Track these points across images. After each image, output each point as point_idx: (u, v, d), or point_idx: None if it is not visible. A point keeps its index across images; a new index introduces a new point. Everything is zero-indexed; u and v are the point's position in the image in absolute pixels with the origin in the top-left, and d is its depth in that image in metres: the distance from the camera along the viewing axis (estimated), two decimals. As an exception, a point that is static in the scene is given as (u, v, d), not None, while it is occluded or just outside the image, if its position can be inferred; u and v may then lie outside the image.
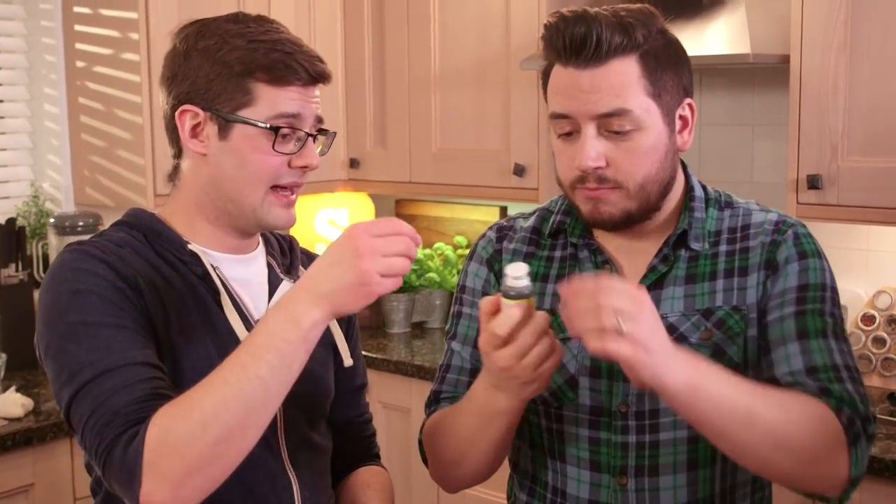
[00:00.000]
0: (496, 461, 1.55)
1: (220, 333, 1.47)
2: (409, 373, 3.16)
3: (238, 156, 1.46)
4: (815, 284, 1.49)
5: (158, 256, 1.49)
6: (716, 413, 1.31)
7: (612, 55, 1.42)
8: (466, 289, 1.66)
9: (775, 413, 1.33)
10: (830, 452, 1.37)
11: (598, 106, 1.42)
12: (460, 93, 3.31)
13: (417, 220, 3.89)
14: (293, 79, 1.46)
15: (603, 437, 1.52)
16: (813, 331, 1.46)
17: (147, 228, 1.51)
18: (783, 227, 1.53)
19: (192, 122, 1.47)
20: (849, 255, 2.89)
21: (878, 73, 2.44)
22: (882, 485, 2.28)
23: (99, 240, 1.48)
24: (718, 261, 1.53)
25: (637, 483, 1.51)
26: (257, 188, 1.47)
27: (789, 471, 1.38)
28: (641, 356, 1.24)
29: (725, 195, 1.61)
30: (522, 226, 1.66)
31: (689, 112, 1.51)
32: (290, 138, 1.47)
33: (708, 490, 1.52)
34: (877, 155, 2.45)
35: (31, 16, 3.49)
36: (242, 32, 1.47)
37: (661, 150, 1.46)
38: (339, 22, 3.60)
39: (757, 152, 3.06)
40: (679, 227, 1.53)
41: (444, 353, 1.67)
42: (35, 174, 3.54)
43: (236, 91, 1.45)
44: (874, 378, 2.79)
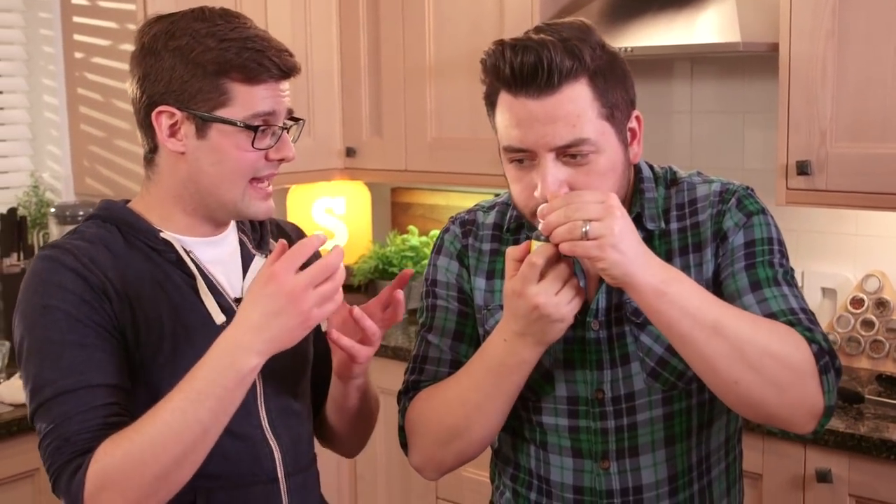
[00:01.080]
0: (498, 427, 1.55)
1: (196, 320, 1.52)
2: (406, 358, 3.15)
3: (217, 153, 1.50)
4: (761, 238, 1.52)
5: (131, 248, 1.53)
6: (684, 318, 1.35)
7: (563, 81, 1.40)
8: (438, 283, 1.66)
9: (745, 328, 1.36)
10: (803, 377, 1.38)
11: (556, 139, 1.41)
12: (455, 82, 3.34)
13: (413, 208, 3.93)
14: (266, 76, 1.50)
15: (582, 425, 1.55)
16: (765, 279, 1.48)
17: (119, 220, 1.55)
18: (727, 196, 1.55)
19: (168, 122, 1.50)
20: (838, 239, 2.93)
21: (865, 60, 2.47)
22: (871, 463, 2.33)
23: (72, 240, 1.52)
24: (672, 239, 1.55)
25: (619, 465, 1.55)
26: (237, 183, 1.52)
27: (762, 395, 1.38)
28: (609, 252, 1.32)
29: (671, 172, 1.61)
30: (484, 221, 1.66)
31: (637, 124, 1.51)
32: (267, 133, 1.52)
33: (685, 462, 1.56)
34: (865, 141, 2.49)
35: (29, 7, 3.51)
36: (212, 31, 1.49)
37: (619, 169, 1.47)
38: (334, 12, 3.62)
39: (747, 139, 3.09)
40: (633, 211, 1.53)
41: (418, 344, 1.66)
42: (35, 164, 3.57)
43: (212, 91, 1.48)
44: (863, 360, 2.84)
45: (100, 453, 1.36)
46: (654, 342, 1.52)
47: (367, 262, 3.66)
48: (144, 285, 1.50)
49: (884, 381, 2.64)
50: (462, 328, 1.63)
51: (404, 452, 1.65)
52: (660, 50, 2.74)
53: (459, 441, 1.55)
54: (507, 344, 1.44)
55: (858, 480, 2.35)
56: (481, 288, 1.62)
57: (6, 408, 2.67)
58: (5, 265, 3.19)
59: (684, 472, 1.56)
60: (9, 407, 2.67)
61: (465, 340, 1.63)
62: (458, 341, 1.63)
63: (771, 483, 2.48)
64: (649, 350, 1.52)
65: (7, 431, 2.60)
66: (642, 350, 1.53)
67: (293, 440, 1.62)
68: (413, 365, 1.65)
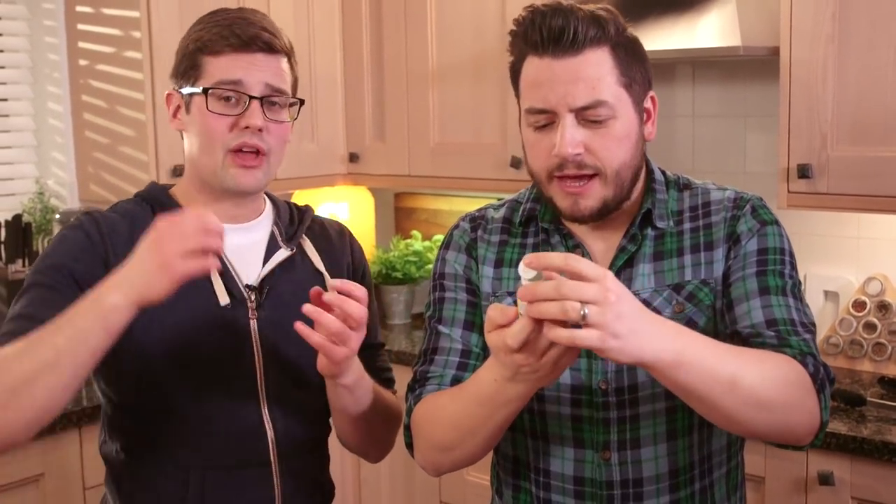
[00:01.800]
0: (490, 447, 1.56)
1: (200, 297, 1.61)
2: (410, 362, 3.19)
3: (194, 124, 1.64)
4: (773, 248, 1.57)
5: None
6: (700, 382, 1.33)
7: (586, 46, 1.48)
8: (447, 275, 1.68)
9: (756, 375, 1.36)
10: (804, 401, 1.42)
11: (576, 99, 1.48)
12: (458, 87, 3.36)
13: (416, 213, 3.94)
14: (224, 45, 1.61)
15: (585, 415, 1.57)
16: (774, 287, 1.53)
17: (154, 199, 1.69)
18: (741, 202, 1.60)
19: (174, 104, 1.68)
20: (839, 242, 2.94)
21: (865, 64, 2.48)
22: (873, 466, 2.33)
23: (106, 211, 1.68)
24: (684, 237, 1.59)
25: (620, 457, 1.56)
26: (213, 152, 1.62)
27: (769, 427, 1.41)
28: (610, 342, 1.23)
29: (683, 178, 1.67)
30: (493, 216, 1.70)
31: (652, 105, 1.58)
32: (236, 103, 1.61)
33: (687, 458, 1.57)
34: (865, 144, 2.50)
35: (34, 15, 3.53)
36: (209, 20, 1.65)
37: (633, 138, 1.53)
38: (337, 17, 3.64)
39: (749, 143, 3.10)
40: (644, 207, 1.59)
41: (427, 336, 1.67)
42: (40, 171, 3.58)
43: (191, 68, 1.64)
44: (865, 363, 2.85)
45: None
46: None
47: (371, 268, 3.67)
48: None
49: (886, 383, 2.65)
50: (472, 318, 1.65)
51: (409, 451, 1.65)
52: (662, 54, 2.75)
53: (454, 452, 1.55)
54: (496, 384, 1.41)
55: (861, 483, 2.36)
56: (489, 276, 1.65)
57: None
58: (11, 271, 3.21)
59: (685, 469, 1.58)
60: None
61: (476, 330, 1.64)
62: (468, 330, 1.64)
63: (773, 486, 2.49)
64: None
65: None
66: None
67: (290, 426, 1.67)
68: (423, 357, 1.66)
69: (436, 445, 1.57)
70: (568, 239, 1.61)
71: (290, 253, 1.71)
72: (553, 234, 1.63)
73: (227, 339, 1.63)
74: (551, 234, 1.63)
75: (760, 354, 1.43)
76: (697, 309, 1.55)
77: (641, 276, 1.57)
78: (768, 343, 1.48)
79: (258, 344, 1.65)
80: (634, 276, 1.57)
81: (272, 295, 1.67)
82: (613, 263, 1.58)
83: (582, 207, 1.53)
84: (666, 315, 1.54)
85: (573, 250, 1.60)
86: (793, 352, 1.46)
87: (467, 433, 1.51)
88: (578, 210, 1.54)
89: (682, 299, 1.55)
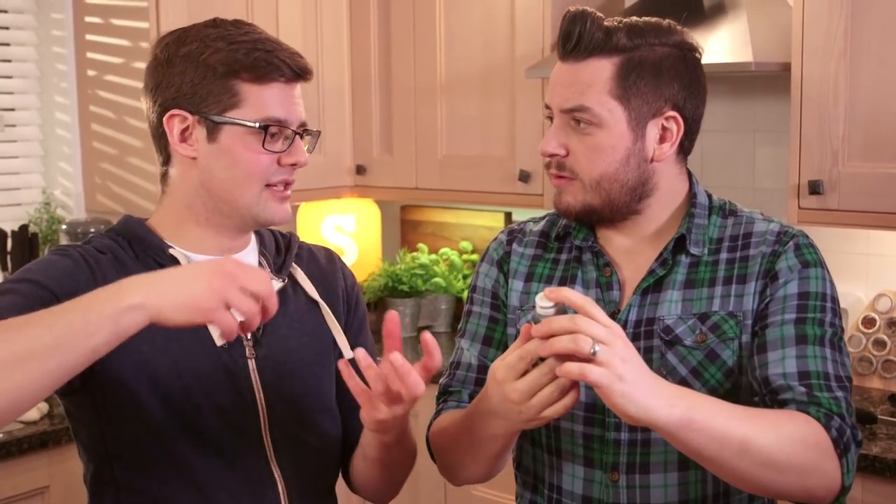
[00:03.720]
0: (496, 469, 1.59)
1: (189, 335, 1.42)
2: (416, 376, 3.19)
3: (229, 156, 1.48)
4: (815, 293, 1.52)
5: (138, 262, 1.51)
6: (711, 445, 1.33)
7: (591, 53, 1.52)
8: (477, 288, 1.72)
9: (770, 437, 1.36)
10: (823, 466, 1.40)
11: (564, 101, 1.53)
12: (466, 100, 3.35)
13: (423, 226, 3.93)
14: (277, 75, 1.48)
15: (596, 434, 1.56)
16: (812, 337, 1.49)
17: (131, 234, 1.54)
18: (784, 238, 1.56)
19: (180, 127, 1.49)
20: (849, 259, 2.93)
21: (877, 80, 2.47)
22: (883, 484, 2.32)
23: (84, 245, 1.52)
24: (719, 268, 1.56)
25: (628, 480, 1.54)
26: (250, 187, 1.49)
27: (783, 489, 1.41)
28: (616, 384, 1.27)
29: (731, 204, 1.64)
30: (532, 230, 1.72)
31: (675, 126, 1.55)
32: (279, 137, 1.49)
33: (699, 492, 1.55)
34: (877, 160, 2.49)
35: (42, 25, 3.53)
36: (222, 35, 1.48)
37: (620, 152, 1.52)
38: (345, 30, 3.64)
39: (759, 158, 3.10)
40: (678, 232, 1.57)
41: (455, 349, 1.72)
42: (47, 181, 3.58)
43: (223, 93, 1.47)
44: (875, 380, 2.83)
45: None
46: (679, 362, 1.53)
47: (377, 280, 3.66)
48: None
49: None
50: (491, 333, 1.68)
51: (433, 460, 1.69)
52: (671, 69, 2.73)
53: (462, 472, 1.62)
54: (481, 416, 1.45)
55: (871, 501, 2.34)
56: (518, 290, 1.66)
57: (17, 425, 2.67)
58: (16, 282, 3.20)
59: (696, 502, 1.55)
60: (19, 424, 2.67)
61: (494, 345, 1.68)
62: (486, 346, 1.68)
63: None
64: (673, 369, 1.53)
65: (18, 448, 2.60)
66: (666, 368, 1.53)
67: (300, 471, 1.57)
68: (448, 370, 1.71)
69: (444, 465, 1.65)
70: (599, 257, 1.61)
71: (282, 284, 1.59)
72: (585, 252, 1.62)
73: (225, 382, 1.50)
74: (584, 252, 1.63)
75: (777, 415, 1.42)
76: (720, 341, 1.52)
77: (669, 301, 1.55)
78: (797, 399, 1.45)
79: (258, 385, 1.53)
80: (661, 301, 1.55)
81: (268, 331, 1.55)
82: (640, 285, 1.57)
83: (563, 201, 1.58)
84: (687, 343, 1.53)
85: (603, 269, 1.60)
86: (819, 412, 1.43)
87: (467, 457, 1.57)
88: (560, 203, 1.58)
89: (705, 329, 1.53)
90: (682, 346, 1.52)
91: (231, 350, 1.51)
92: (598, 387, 1.28)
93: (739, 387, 1.53)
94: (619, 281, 1.59)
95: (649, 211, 1.58)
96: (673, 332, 1.53)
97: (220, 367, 1.50)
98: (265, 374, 1.54)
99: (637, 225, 1.59)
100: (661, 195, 1.58)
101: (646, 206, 1.57)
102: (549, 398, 1.34)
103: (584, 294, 1.57)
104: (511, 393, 1.35)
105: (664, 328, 1.53)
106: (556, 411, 1.35)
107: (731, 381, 1.53)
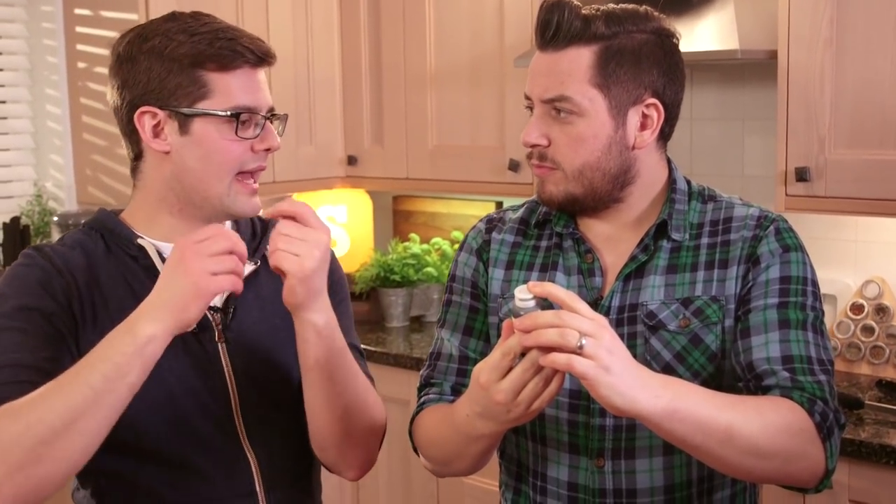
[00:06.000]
0: (482, 464, 1.59)
1: None
2: (407, 365, 3.20)
3: (202, 147, 1.49)
4: (797, 277, 1.54)
5: (109, 253, 1.54)
6: (696, 434, 1.35)
7: (570, 42, 1.52)
8: (456, 277, 1.71)
9: (754, 424, 1.37)
10: (807, 451, 1.42)
11: (544, 91, 1.53)
12: (456, 90, 3.36)
13: (415, 216, 3.94)
14: (241, 62, 1.49)
15: (581, 420, 1.57)
16: (794, 321, 1.51)
17: (103, 227, 1.56)
18: (765, 223, 1.56)
19: (151, 123, 1.50)
20: (837, 245, 2.94)
21: (862, 67, 2.48)
22: (870, 469, 2.33)
23: (56, 243, 1.55)
24: (700, 252, 1.57)
25: (613, 465, 1.55)
26: (223, 177, 1.51)
27: (768, 474, 1.43)
28: (603, 376, 1.27)
29: (709, 189, 1.65)
30: (511, 217, 1.71)
31: (656, 113, 1.55)
32: (249, 124, 1.51)
33: (684, 475, 1.56)
34: (863, 147, 2.49)
35: (32, 18, 3.53)
36: (183, 28, 1.49)
37: (602, 140, 1.52)
38: (335, 21, 3.65)
39: (747, 146, 3.11)
40: (659, 218, 1.57)
41: (434, 340, 1.72)
42: (38, 174, 3.59)
43: (190, 85, 1.48)
44: (863, 366, 2.85)
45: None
46: (663, 347, 1.54)
47: (369, 270, 3.67)
48: (117, 289, 1.51)
49: (884, 386, 2.65)
50: (472, 323, 1.68)
51: (415, 452, 1.69)
52: (659, 58, 2.74)
53: (447, 467, 1.63)
54: (468, 419, 1.44)
55: (858, 486, 2.36)
56: (499, 278, 1.66)
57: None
58: (8, 274, 3.21)
59: (682, 486, 1.56)
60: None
61: (475, 335, 1.67)
62: (467, 336, 1.67)
63: (771, 488, 2.48)
64: (657, 354, 1.54)
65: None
66: (650, 353, 1.54)
67: (273, 452, 1.58)
68: (429, 360, 1.71)
69: (430, 459, 1.64)
70: (580, 244, 1.61)
71: (255, 266, 1.60)
72: (566, 239, 1.62)
73: (196, 366, 1.53)
74: (564, 239, 1.63)
75: (760, 402, 1.43)
76: (704, 325, 1.53)
77: (651, 287, 1.56)
78: (781, 384, 1.46)
79: (229, 368, 1.55)
80: (644, 287, 1.56)
81: (238, 315, 1.57)
82: (622, 271, 1.57)
83: (546, 191, 1.58)
84: (671, 328, 1.53)
85: (585, 256, 1.60)
86: (802, 396, 1.44)
87: (453, 455, 1.57)
88: (543, 192, 1.58)
89: (689, 314, 1.54)
90: (665, 331, 1.53)
91: (201, 335, 1.53)
92: (584, 378, 1.28)
93: (722, 371, 1.54)
94: (601, 267, 1.59)
95: (631, 198, 1.58)
96: (657, 318, 1.54)
97: (190, 352, 1.52)
98: (235, 357, 1.56)
99: (618, 212, 1.59)
100: (643, 182, 1.58)
101: (627, 194, 1.58)
102: (534, 391, 1.34)
103: (566, 280, 1.59)
104: (496, 394, 1.34)
105: (647, 313, 1.54)
106: (543, 402, 1.35)
107: (715, 365, 1.54)
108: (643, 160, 1.57)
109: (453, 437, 1.52)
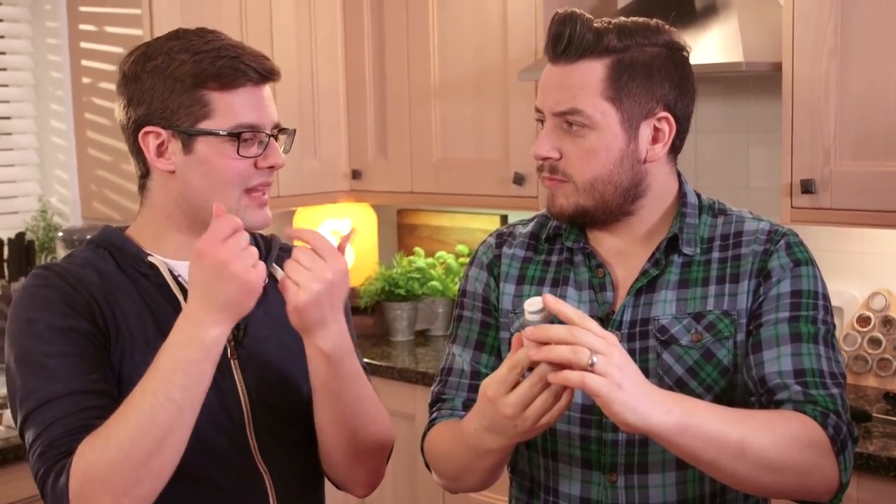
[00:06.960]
0: (493, 480, 1.58)
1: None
2: (412, 380, 3.20)
3: (205, 166, 1.50)
4: (808, 291, 1.53)
5: (120, 271, 1.54)
6: (708, 449, 1.34)
7: (582, 55, 1.51)
8: (467, 293, 1.70)
9: (766, 438, 1.37)
10: (821, 465, 1.41)
11: (556, 104, 1.53)
12: (460, 104, 3.36)
13: (419, 230, 3.94)
14: (244, 80, 1.49)
15: (593, 435, 1.56)
16: (806, 335, 1.50)
17: (111, 245, 1.57)
18: (775, 237, 1.56)
19: (155, 142, 1.51)
20: (843, 257, 2.93)
21: (867, 79, 2.48)
22: (879, 482, 2.32)
23: (62, 263, 1.55)
24: (711, 267, 1.56)
25: (626, 480, 1.55)
26: (229, 193, 1.51)
27: (781, 489, 1.42)
28: (615, 393, 1.27)
29: (719, 203, 1.64)
30: (521, 231, 1.71)
31: (667, 126, 1.55)
32: (252, 142, 1.51)
33: (697, 490, 1.55)
34: (868, 159, 2.49)
35: (37, 33, 3.54)
36: (186, 47, 1.49)
37: (614, 153, 1.52)
38: (339, 35, 3.65)
39: (752, 158, 3.10)
40: (670, 232, 1.57)
41: (446, 355, 1.71)
42: (43, 189, 3.59)
43: (192, 105, 1.48)
44: (870, 378, 2.83)
45: (80, 450, 1.36)
46: (675, 362, 1.53)
47: (374, 284, 3.67)
48: (132, 306, 1.51)
49: (891, 399, 2.63)
50: (483, 339, 1.67)
51: (427, 469, 1.68)
52: (663, 70, 2.74)
53: (459, 483, 1.62)
54: (476, 433, 1.44)
55: (867, 499, 2.34)
56: (510, 293, 1.66)
57: (13, 432, 2.67)
58: (13, 289, 3.20)
59: (695, 501, 1.55)
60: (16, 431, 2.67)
61: (486, 350, 1.67)
62: (478, 351, 1.66)
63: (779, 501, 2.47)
64: (669, 369, 1.53)
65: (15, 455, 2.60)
66: (662, 368, 1.53)
67: (287, 469, 1.59)
68: (440, 376, 1.70)
69: (441, 475, 1.63)
70: (591, 259, 1.60)
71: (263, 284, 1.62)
72: (577, 254, 1.62)
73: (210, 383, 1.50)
74: (575, 253, 1.62)
75: (773, 416, 1.42)
76: (716, 340, 1.53)
77: (663, 301, 1.55)
78: (793, 398, 1.46)
79: (242, 384, 1.56)
80: (655, 301, 1.55)
81: (249, 332, 1.59)
82: (633, 286, 1.57)
83: (556, 204, 1.57)
84: (683, 343, 1.53)
85: (596, 270, 1.59)
86: (815, 410, 1.44)
87: (463, 470, 1.56)
88: (554, 205, 1.57)
89: (701, 329, 1.53)
90: (678, 346, 1.52)
91: None
92: (597, 396, 1.28)
93: (735, 385, 1.53)
94: (612, 282, 1.59)
95: (642, 212, 1.58)
96: (668, 332, 1.53)
97: None
98: (248, 373, 1.57)
99: (629, 226, 1.59)
100: (654, 196, 1.58)
101: (638, 207, 1.57)
102: (543, 406, 1.33)
103: (577, 295, 1.59)
104: (504, 408, 1.34)
105: (659, 328, 1.54)
106: (552, 417, 1.35)
107: (727, 380, 1.53)
108: (654, 173, 1.57)
109: (462, 451, 1.51)
